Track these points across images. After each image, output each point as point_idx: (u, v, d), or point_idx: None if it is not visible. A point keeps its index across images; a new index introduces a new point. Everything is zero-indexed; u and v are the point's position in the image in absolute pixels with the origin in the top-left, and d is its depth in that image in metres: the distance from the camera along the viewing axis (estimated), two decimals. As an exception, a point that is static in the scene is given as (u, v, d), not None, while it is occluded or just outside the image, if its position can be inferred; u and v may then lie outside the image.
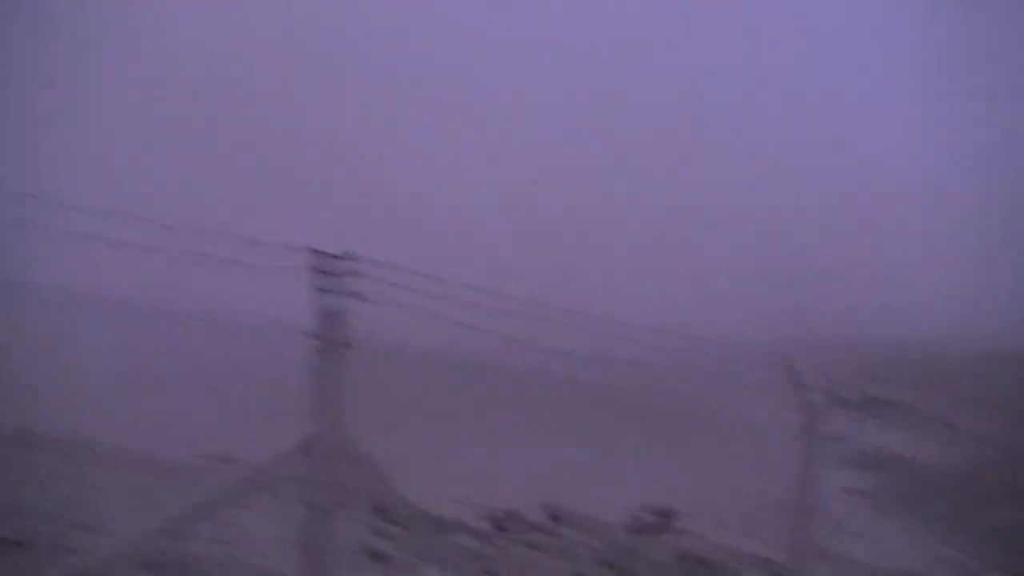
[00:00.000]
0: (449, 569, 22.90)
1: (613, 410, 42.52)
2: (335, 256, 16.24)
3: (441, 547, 23.29)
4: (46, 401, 28.07)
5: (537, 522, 31.34)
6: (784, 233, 73.42)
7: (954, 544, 41.72)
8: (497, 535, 30.00)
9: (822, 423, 23.52)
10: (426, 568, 23.28)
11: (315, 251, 16.28)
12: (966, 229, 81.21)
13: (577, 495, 33.67)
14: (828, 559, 32.18)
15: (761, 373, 22.74)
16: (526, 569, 26.29)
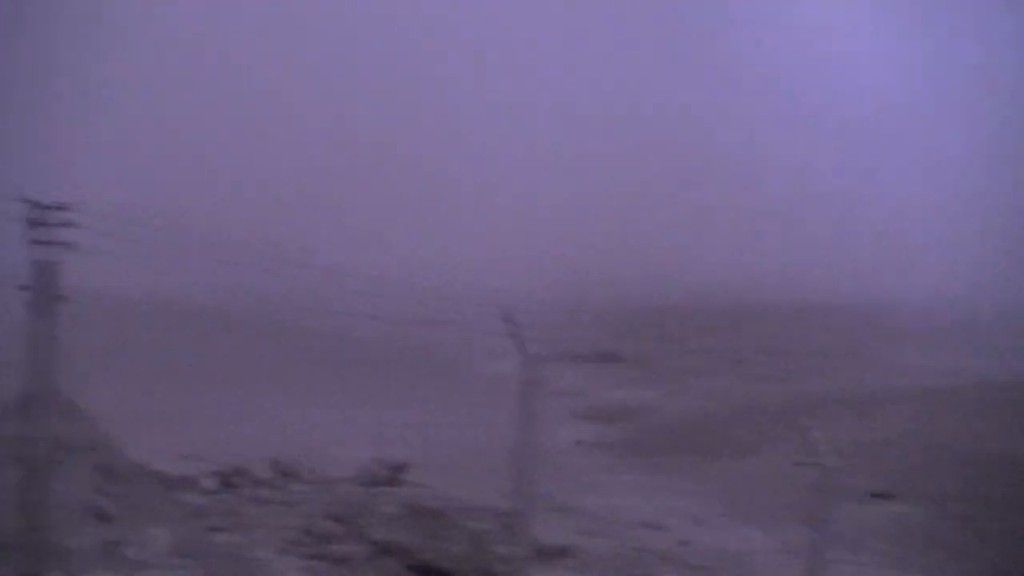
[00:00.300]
0: (174, 527, 22.56)
1: (345, 364, 42.60)
2: (48, 207, 15.65)
3: (166, 505, 22.89)
4: None
5: (266, 478, 31.18)
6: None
7: (685, 492, 43.54)
8: (224, 492, 29.71)
9: (547, 376, 24.14)
10: (151, 526, 22.87)
11: (28, 201, 15.64)
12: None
13: (308, 451, 33.69)
14: (560, 509, 33.20)
15: (487, 327, 23.18)
16: (253, 525, 26.14)
